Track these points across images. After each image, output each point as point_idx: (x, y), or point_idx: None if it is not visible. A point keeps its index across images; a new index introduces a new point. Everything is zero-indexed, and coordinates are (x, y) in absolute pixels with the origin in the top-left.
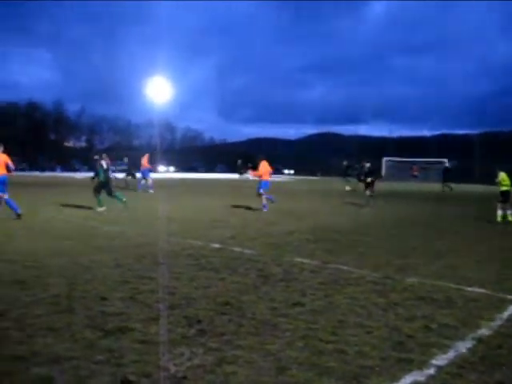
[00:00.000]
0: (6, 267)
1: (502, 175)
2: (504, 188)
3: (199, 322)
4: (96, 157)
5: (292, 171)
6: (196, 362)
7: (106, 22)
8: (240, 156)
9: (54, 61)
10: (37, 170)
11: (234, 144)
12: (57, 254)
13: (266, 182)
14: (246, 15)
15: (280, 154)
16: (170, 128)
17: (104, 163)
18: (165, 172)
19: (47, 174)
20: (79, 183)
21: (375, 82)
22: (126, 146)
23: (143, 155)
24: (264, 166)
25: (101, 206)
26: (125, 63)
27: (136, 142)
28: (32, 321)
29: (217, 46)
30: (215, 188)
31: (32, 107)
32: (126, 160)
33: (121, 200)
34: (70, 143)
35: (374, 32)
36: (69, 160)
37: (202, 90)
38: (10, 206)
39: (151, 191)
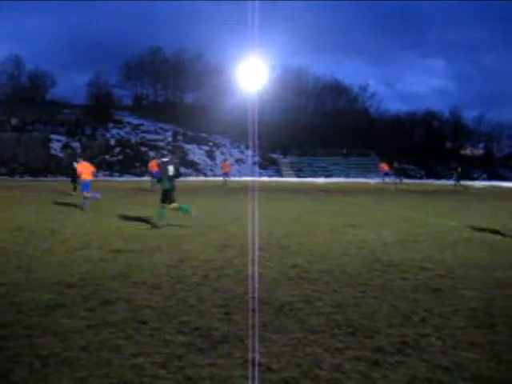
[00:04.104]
0: (422, 274)
1: None
2: None
3: None
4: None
5: None
6: None
7: (499, 23)
8: None
9: (447, 68)
10: (433, 178)
11: None
12: (468, 266)
13: (87, 182)
14: None
15: None
16: None
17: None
18: None
19: (443, 182)
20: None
21: None
22: None
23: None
24: (82, 166)
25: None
26: None
27: None
28: (452, 331)
29: None
30: None
31: (429, 116)
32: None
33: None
34: (466, 151)
35: None
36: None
37: None
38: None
39: None
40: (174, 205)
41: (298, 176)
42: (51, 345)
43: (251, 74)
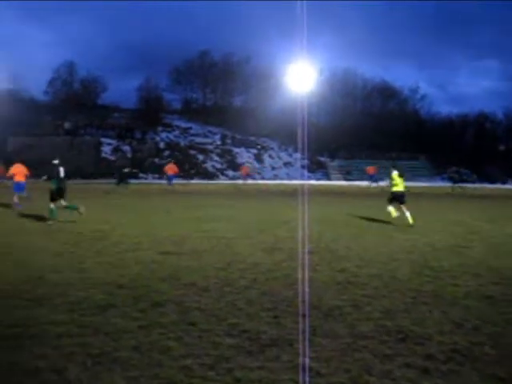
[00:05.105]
0: (474, 281)
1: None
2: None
3: None
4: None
5: None
6: None
7: None
8: None
9: (499, 69)
10: (486, 181)
11: None
12: None
13: (19, 183)
14: None
15: None
16: None
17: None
18: None
19: (497, 186)
20: None
21: None
22: None
23: None
24: (16, 168)
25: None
26: None
27: None
28: (506, 340)
29: None
30: None
31: (482, 118)
32: None
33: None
34: None
35: None
36: None
37: None
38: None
39: None
40: (63, 203)
41: (346, 179)
42: (103, 344)
43: (299, 77)
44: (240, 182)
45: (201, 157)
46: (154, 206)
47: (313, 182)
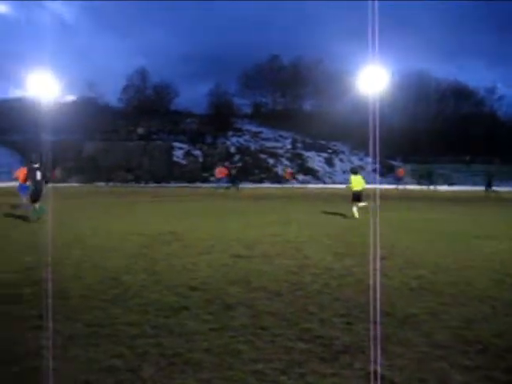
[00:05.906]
0: None
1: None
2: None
3: None
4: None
5: None
6: None
7: None
8: None
9: None
10: None
11: None
12: None
13: (22, 185)
14: None
15: None
16: None
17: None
18: None
19: None
20: None
21: None
22: None
23: None
24: (23, 170)
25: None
26: None
27: None
28: None
29: None
30: None
31: None
32: None
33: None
34: None
35: None
36: None
37: None
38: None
39: None
40: (36, 205)
41: (420, 184)
42: (176, 345)
43: (371, 80)
44: (287, 185)
45: (271, 161)
46: (225, 210)
47: (385, 186)
